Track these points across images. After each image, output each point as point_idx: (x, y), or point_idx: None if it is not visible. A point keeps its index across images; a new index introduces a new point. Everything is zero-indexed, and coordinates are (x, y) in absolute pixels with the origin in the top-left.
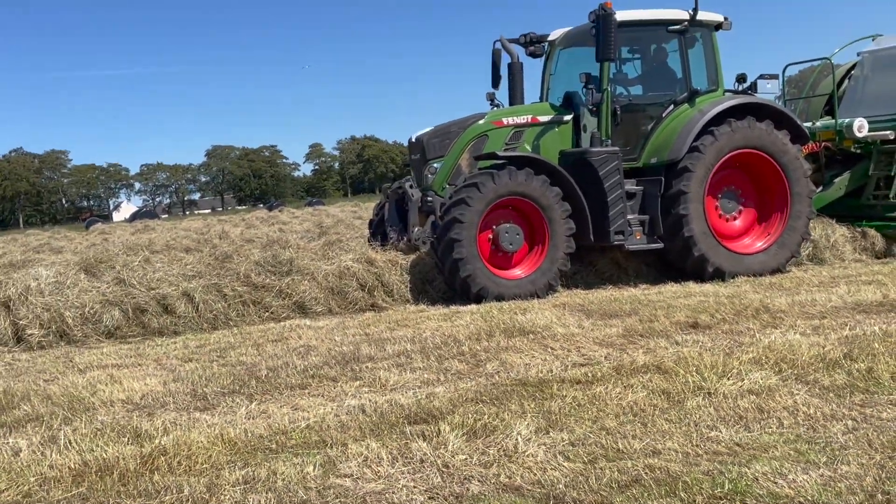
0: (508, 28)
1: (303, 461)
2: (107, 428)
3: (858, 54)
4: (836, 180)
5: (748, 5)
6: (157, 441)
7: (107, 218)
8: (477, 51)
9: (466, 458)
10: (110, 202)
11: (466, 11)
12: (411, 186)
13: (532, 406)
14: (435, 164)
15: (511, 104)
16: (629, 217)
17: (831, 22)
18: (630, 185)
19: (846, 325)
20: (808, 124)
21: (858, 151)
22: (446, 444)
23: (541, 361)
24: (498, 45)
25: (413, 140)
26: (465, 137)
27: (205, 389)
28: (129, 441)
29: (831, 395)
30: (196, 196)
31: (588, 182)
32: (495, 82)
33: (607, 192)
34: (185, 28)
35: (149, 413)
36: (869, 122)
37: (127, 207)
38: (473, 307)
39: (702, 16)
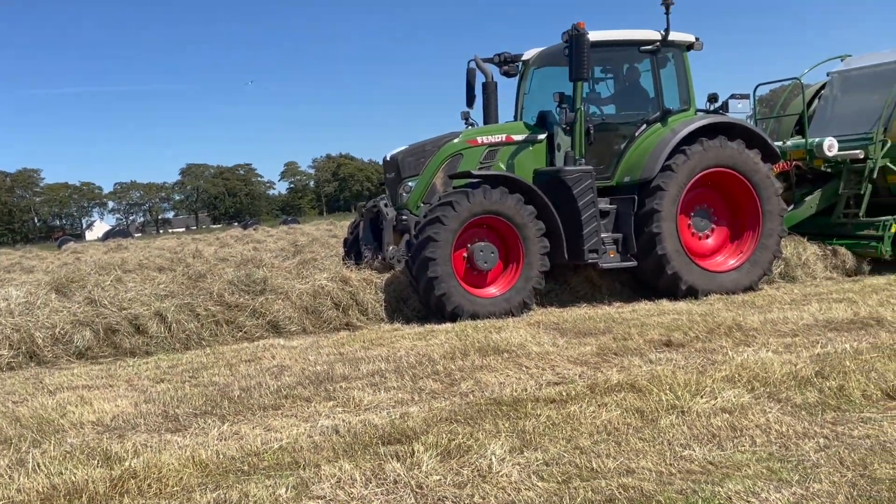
0: (483, 48)
1: (275, 483)
2: (76, 450)
3: (828, 74)
4: (807, 199)
5: (719, 26)
6: (127, 463)
7: (80, 237)
8: (451, 70)
9: (440, 479)
10: (83, 221)
11: (441, 31)
12: (386, 205)
13: (506, 425)
14: (409, 183)
15: (485, 123)
16: (603, 235)
17: (801, 43)
18: (604, 204)
19: (818, 343)
20: (779, 143)
21: (828, 170)
22: (420, 464)
23: (515, 380)
24: (472, 65)
25: (388, 158)
26: (440, 156)
27: (176, 410)
28: (98, 464)
29: (803, 413)
30: (170, 215)
31: (562, 200)
32: (470, 101)
33: (581, 210)
34: (159, 46)
35: (119, 435)
36: (839, 142)
37: (100, 226)
38: (448, 326)
39: (673, 36)
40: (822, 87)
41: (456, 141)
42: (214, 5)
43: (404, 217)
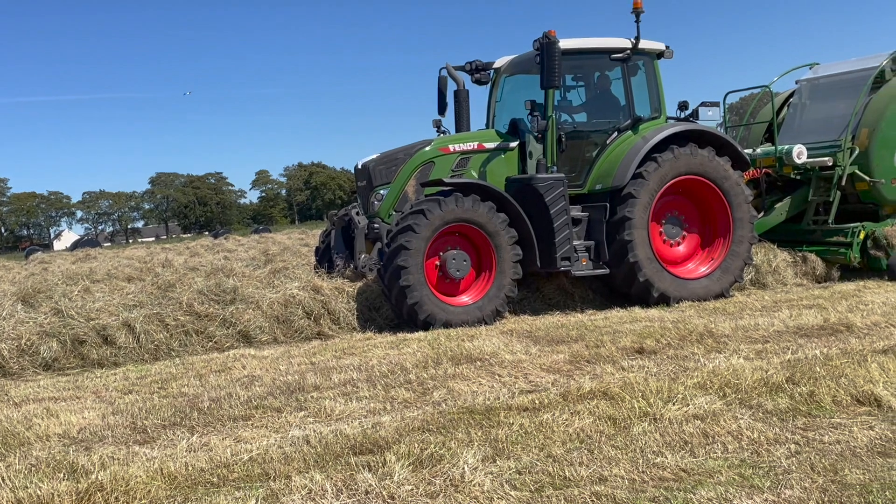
0: (455, 56)
1: (245, 495)
2: (42, 463)
3: (797, 82)
4: (777, 206)
5: (689, 34)
6: (94, 476)
7: (47, 247)
8: (423, 78)
9: (412, 489)
10: (51, 231)
11: (414, 39)
12: (358, 213)
13: (479, 434)
14: (381, 191)
15: (457, 131)
16: (575, 243)
17: (770, 50)
18: (576, 212)
19: (788, 350)
20: (749, 151)
21: (798, 177)
22: (392, 474)
23: (488, 389)
24: (444, 73)
25: (359, 167)
26: (412, 164)
27: (145, 422)
28: (64, 476)
29: (774, 419)
30: (140, 224)
31: (534, 208)
32: (441, 109)
33: (553, 218)
34: (128, 54)
35: (86, 447)
36: (808, 149)
37: (68, 236)
38: (421, 334)
39: (644, 44)
40: (791, 94)
41: (427, 149)
42: (183, 13)
43: (376, 225)
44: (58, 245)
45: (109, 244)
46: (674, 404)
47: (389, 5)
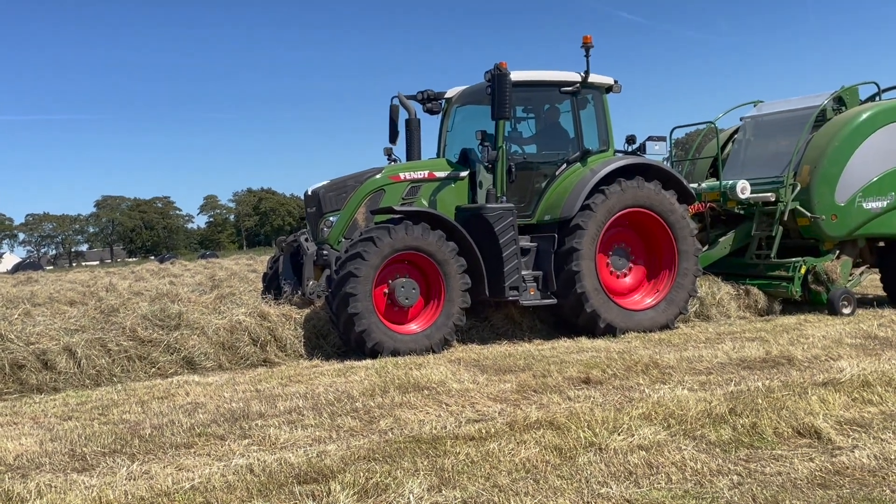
0: (406, 84)
1: None
2: None
3: (741, 119)
4: (721, 239)
5: (637, 69)
6: None
7: None
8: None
9: None
10: None
11: (366, 67)
12: (307, 240)
13: (425, 463)
14: (331, 218)
15: (408, 159)
16: (523, 273)
17: (715, 88)
18: (524, 242)
19: (731, 381)
20: (694, 185)
21: (742, 212)
22: (336, 503)
23: (435, 418)
24: (396, 101)
25: (309, 193)
26: (362, 191)
27: (84, 449)
28: None
29: (717, 450)
30: (84, 247)
31: (483, 237)
32: (393, 137)
33: (502, 247)
34: (72, 74)
35: (22, 475)
36: (751, 184)
37: (10, 258)
38: (368, 362)
39: (593, 78)
40: (736, 131)
41: (378, 177)
42: (132, 34)
43: (325, 252)
44: None
45: (52, 267)
46: (619, 434)
47: (343, 32)
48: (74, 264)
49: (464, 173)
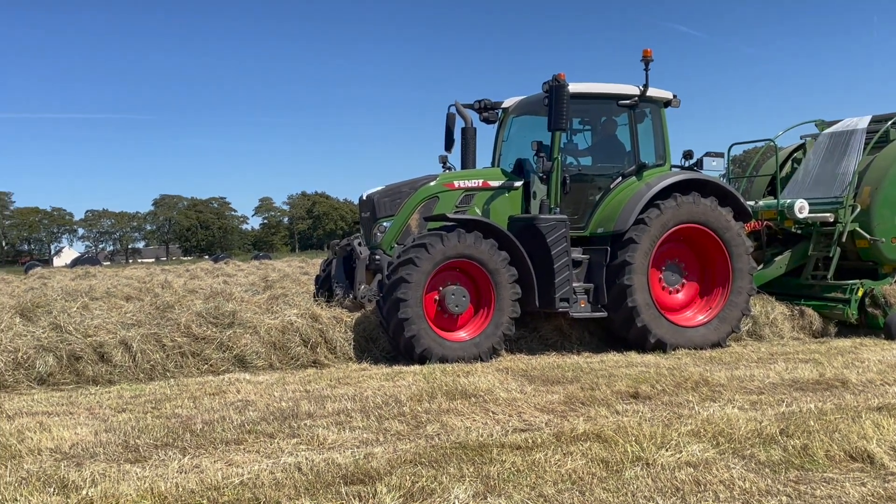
0: (464, 94)
1: None
2: (32, 477)
3: (802, 137)
4: (777, 259)
5: (694, 84)
6: (84, 492)
7: (47, 262)
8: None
9: None
10: (52, 247)
11: (425, 76)
12: (360, 244)
13: (471, 470)
14: (384, 223)
15: (463, 168)
16: (574, 285)
17: (776, 105)
18: (577, 254)
19: (783, 402)
20: (751, 203)
21: (799, 232)
22: None
23: (481, 425)
24: (453, 110)
25: (364, 198)
26: (416, 198)
27: (137, 441)
28: (55, 491)
29: (767, 470)
30: (140, 244)
31: (535, 248)
32: (448, 146)
33: (554, 259)
34: (136, 77)
35: (77, 463)
36: (809, 204)
37: (69, 253)
38: (416, 368)
39: (651, 92)
40: (796, 149)
41: (433, 184)
42: (199, 39)
43: (377, 256)
44: (57, 261)
45: (109, 263)
46: (667, 450)
47: (403, 40)
48: (131, 261)
49: (518, 183)
